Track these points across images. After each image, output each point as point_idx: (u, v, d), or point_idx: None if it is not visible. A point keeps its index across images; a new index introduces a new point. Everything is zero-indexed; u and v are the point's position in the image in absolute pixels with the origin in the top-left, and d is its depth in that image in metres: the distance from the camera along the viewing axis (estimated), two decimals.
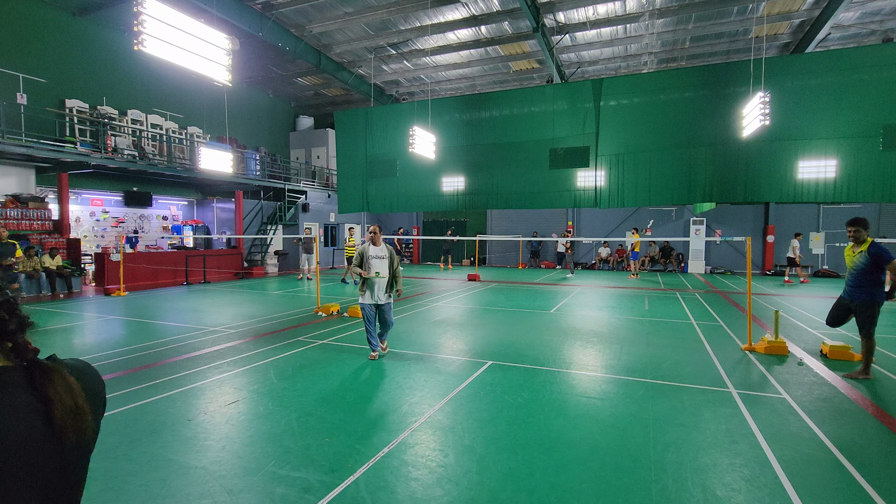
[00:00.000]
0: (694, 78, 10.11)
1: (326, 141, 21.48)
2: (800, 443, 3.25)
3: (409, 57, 15.76)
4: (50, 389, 0.62)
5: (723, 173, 9.85)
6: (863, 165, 8.87)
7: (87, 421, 0.65)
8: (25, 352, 0.63)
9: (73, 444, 0.63)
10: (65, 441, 0.62)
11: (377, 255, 5.27)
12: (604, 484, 2.72)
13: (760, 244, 17.92)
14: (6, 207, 10.80)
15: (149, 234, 15.76)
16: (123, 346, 5.90)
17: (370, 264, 5.22)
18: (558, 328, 7.20)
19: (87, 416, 0.65)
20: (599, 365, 5.23)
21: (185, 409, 3.75)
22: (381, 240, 5.39)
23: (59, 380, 0.64)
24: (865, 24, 12.76)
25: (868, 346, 4.65)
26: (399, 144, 12.71)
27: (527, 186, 11.60)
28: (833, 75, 8.96)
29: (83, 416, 0.64)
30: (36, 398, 0.61)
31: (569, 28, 13.35)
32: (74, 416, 0.63)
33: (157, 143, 14.77)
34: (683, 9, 12.18)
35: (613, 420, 3.66)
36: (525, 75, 17.43)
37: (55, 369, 0.65)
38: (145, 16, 6.41)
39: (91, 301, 9.85)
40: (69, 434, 0.62)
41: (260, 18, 12.40)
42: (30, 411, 0.59)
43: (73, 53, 13.14)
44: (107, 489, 2.57)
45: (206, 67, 7.60)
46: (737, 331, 6.91)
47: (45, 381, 0.62)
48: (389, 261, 5.30)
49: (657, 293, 11.57)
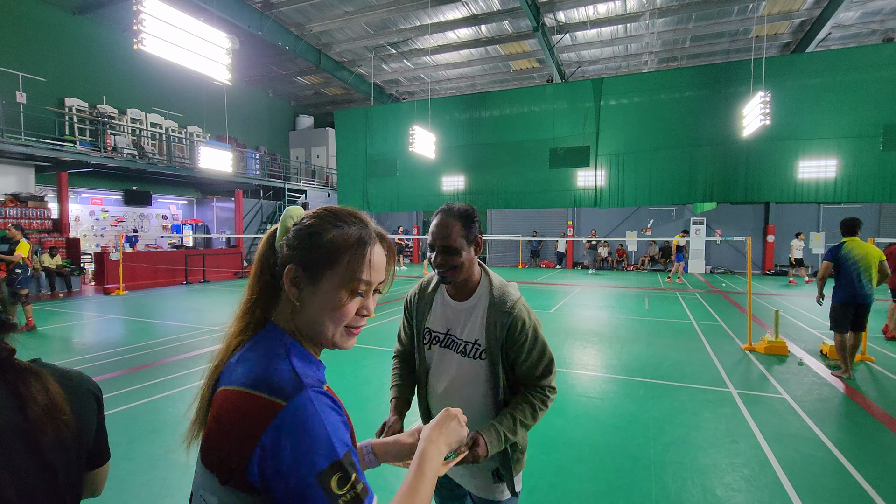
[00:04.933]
0: (694, 77, 10.09)
1: (326, 140, 21.46)
2: (800, 443, 3.25)
3: (409, 56, 15.74)
4: (22, 387, 0.64)
5: (723, 173, 9.84)
6: (863, 165, 8.85)
7: (66, 420, 0.67)
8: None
9: (52, 441, 0.65)
10: (42, 437, 0.64)
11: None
12: (604, 484, 2.72)
13: (761, 244, 17.91)
14: (6, 206, 10.79)
15: (148, 233, 15.75)
16: (123, 346, 5.90)
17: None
18: (558, 328, 7.20)
19: (64, 416, 0.66)
20: (599, 364, 5.23)
21: (184, 409, 3.74)
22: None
23: (33, 379, 0.66)
24: (866, 23, 12.74)
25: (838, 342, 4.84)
26: (399, 144, 12.69)
27: (527, 186, 11.59)
28: (834, 75, 8.95)
29: (60, 414, 0.66)
30: (10, 394, 0.63)
31: (569, 27, 13.33)
32: (50, 414, 0.64)
33: (156, 142, 14.75)
34: (684, 8, 12.17)
35: (613, 420, 3.66)
36: (525, 75, 17.41)
37: (30, 369, 0.67)
38: (145, 14, 6.40)
39: (90, 300, 9.84)
40: (47, 431, 0.64)
41: (260, 17, 12.38)
42: (2, 406, 0.62)
43: (72, 52, 13.12)
44: (106, 488, 2.55)
45: (205, 66, 7.58)
46: (737, 331, 6.91)
47: (18, 380, 0.64)
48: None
49: (657, 293, 11.56)
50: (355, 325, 0.74)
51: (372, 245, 0.74)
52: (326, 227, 0.72)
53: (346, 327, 0.73)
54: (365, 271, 0.72)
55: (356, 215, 0.76)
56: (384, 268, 0.77)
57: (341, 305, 0.71)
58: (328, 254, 0.70)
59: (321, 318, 0.71)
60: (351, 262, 0.71)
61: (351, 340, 0.75)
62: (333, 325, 0.71)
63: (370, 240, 0.74)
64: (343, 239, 0.72)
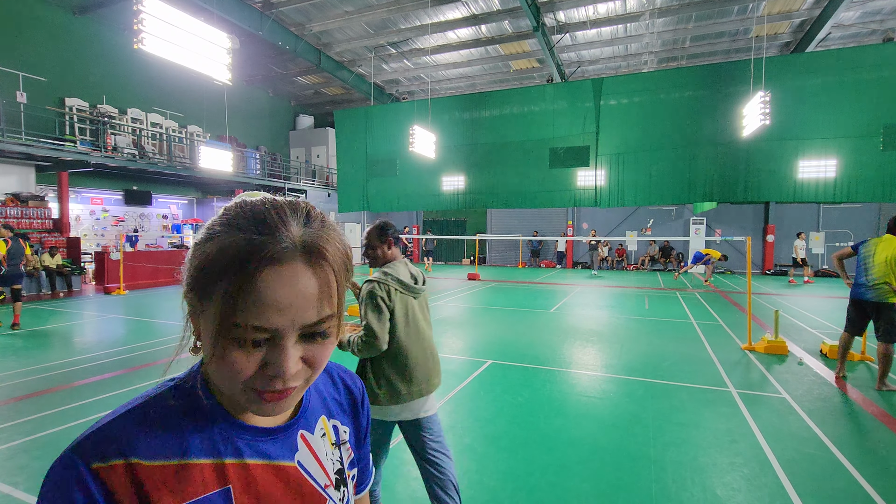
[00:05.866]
0: (694, 77, 10.10)
1: (326, 140, 21.46)
2: (800, 442, 3.25)
3: (409, 56, 15.74)
4: None
5: (723, 173, 9.84)
6: (863, 165, 8.86)
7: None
8: None
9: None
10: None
11: None
12: (604, 483, 2.72)
13: (760, 244, 17.91)
14: (6, 206, 10.80)
15: (149, 232, 15.76)
16: (123, 345, 5.90)
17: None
18: (558, 327, 7.20)
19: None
20: (599, 364, 5.23)
21: None
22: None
23: None
24: (866, 23, 12.74)
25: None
26: (399, 143, 12.69)
27: (527, 186, 11.59)
28: (833, 75, 8.95)
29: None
30: None
31: (569, 27, 13.33)
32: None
33: (156, 141, 14.75)
34: (684, 8, 12.17)
35: (613, 419, 3.66)
36: (525, 74, 17.41)
37: None
38: (145, 14, 6.40)
39: (91, 300, 9.84)
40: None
41: (260, 17, 12.39)
42: None
43: (72, 52, 13.12)
44: None
45: (206, 66, 7.59)
46: (736, 330, 6.91)
47: None
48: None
49: (657, 292, 11.57)
50: (264, 388, 0.48)
51: (267, 266, 0.45)
52: (209, 235, 0.49)
53: (251, 389, 0.48)
54: (240, 310, 0.45)
55: (262, 214, 0.48)
56: (303, 300, 0.47)
57: (223, 356, 0.47)
58: (204, 278, 0.47)
59: (211, 368, 0.50)
60: (226, 295, 0.45)
61: (266, 406, 0.49)
62: (228, 381, 0.48)
63: (265, 257, 0.45)
64: (218, 255, 0.46)
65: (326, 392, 0.69)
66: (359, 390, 0.74)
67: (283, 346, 0.47)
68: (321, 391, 0.68)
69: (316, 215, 0.52)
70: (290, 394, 0.50)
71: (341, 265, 0.51)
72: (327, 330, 0.50)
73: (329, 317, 0.49)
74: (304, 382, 0.51)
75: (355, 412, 0.72)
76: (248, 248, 0.45)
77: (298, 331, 0.48)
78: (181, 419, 0.52)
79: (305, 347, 0.49)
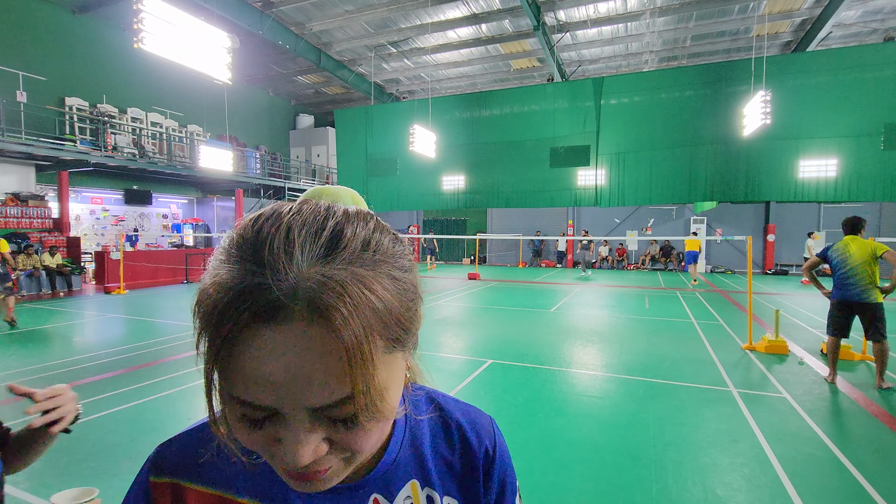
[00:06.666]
0: (695, 76, 10.10)
1: (327, 139, 21.46)
2: (800, 442, 3.25)
3: (409, 55, 15.73)
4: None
5: (724, 172, 9.84)
6: (864, 164, 8.86)
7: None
8: None
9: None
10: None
11: None
12: (604, 483, 2.72)
13: (761, 243, 17.90)
14: (6, 206, 10.80)
15: (149, 232, 15.76)
16: (123, 345, 5.90)
17: None
18: (558, 327, 7.20)
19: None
20: (600, 364, 5.23)
21: (185, 408, 3.73)
22: None
23: None
24: (867, 22, 12.73)
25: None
26: (399, 143, 12.70)
27: (527, 185, 11.60)
28: (834, 74, 8.94)
29: None
30: None
31: (569, 26, 13.32)
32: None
33: (157, 141, 14.75)
34: (684, 7, 12.15)
35: (614, 419, 3.66)
36: (525, 74, 17.39)
37: None
38: (145, 13, 6.40)
39: (91, 299, 9.85)
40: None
41: (260, 16, 12.38)
42: None
43: (72, 51, 13.11)
44: (107, 488, 2.56)
45: (206, 65, 7.59)
46: (737, 330, 6.91)
47: None
48: None
49: (657, 292, 11.56)
50: (286, 467, 0.35)
51: (250, 325, 0.31)
52: (212, 260, 0.35)
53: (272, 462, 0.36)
54: (224, 379, 0.33)
55: (266, 237, 0.33)
56: (302, 379, 0.31)
57: (231, 424, 0.35)
58: (195, 321, 0.35)
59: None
60: (207, 356, 0.34)
61: (295, 485, 0.36)
62: (259, 450, 0.36)
63: (251, 311, 0.30)
64: (202, 297, 0.34)
65: (430, 448, 0.52)
66: (483, 449, 0.53)
67: (290, 427, 0.33)
68: (421, 446, 0.51)
69: (350, 239, 0.33)
70: (325, 474, 0.36)
71: (369, 325, 0.32)
72: (348, 415, 0.33)
73: (345, 399, 0.32)
74: (342, 462, 0.36)
75: (471, 478, 0.52)
76: (232, 296, 0.31)
77: (308, 410, 0.32)
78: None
79: (329, 430, 0.34)
